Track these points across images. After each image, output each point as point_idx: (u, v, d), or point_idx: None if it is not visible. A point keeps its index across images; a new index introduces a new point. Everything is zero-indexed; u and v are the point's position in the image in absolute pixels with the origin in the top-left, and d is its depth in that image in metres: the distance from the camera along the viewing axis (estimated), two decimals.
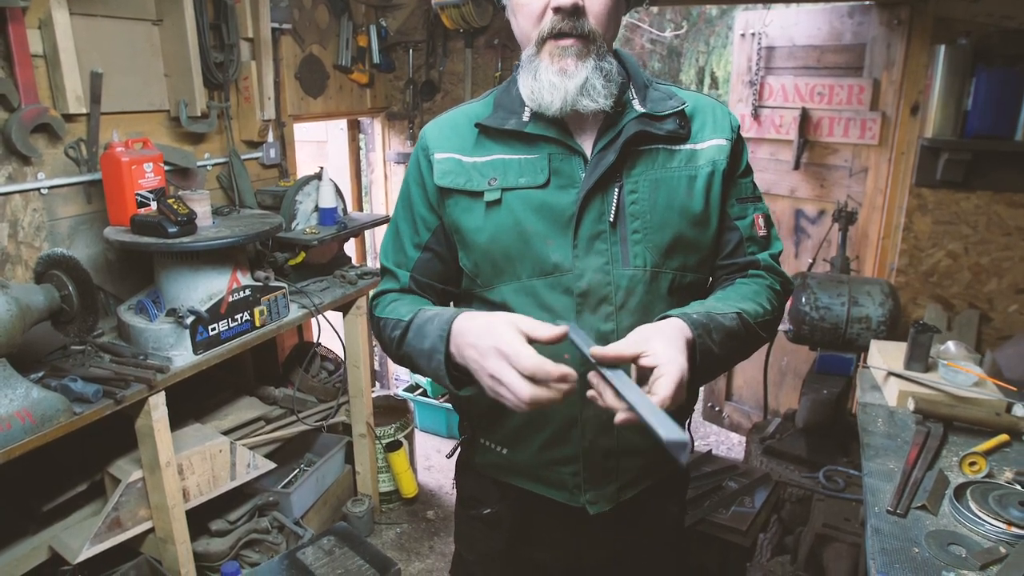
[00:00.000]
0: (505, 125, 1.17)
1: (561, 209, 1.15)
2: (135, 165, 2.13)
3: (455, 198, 1.20)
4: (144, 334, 2.04)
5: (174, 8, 2.40)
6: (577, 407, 1.18)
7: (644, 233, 1.15)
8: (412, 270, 1.27)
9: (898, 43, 3.08)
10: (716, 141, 1.21)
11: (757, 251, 1.25)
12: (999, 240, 3.05)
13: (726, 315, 1.11)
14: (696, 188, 1.18)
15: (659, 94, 1.20)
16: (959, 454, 1.54)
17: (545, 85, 1.09)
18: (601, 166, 1.13)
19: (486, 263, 1.18)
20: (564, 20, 1.06)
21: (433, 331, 1.08)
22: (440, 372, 1.07)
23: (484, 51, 3.63)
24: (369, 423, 2.94)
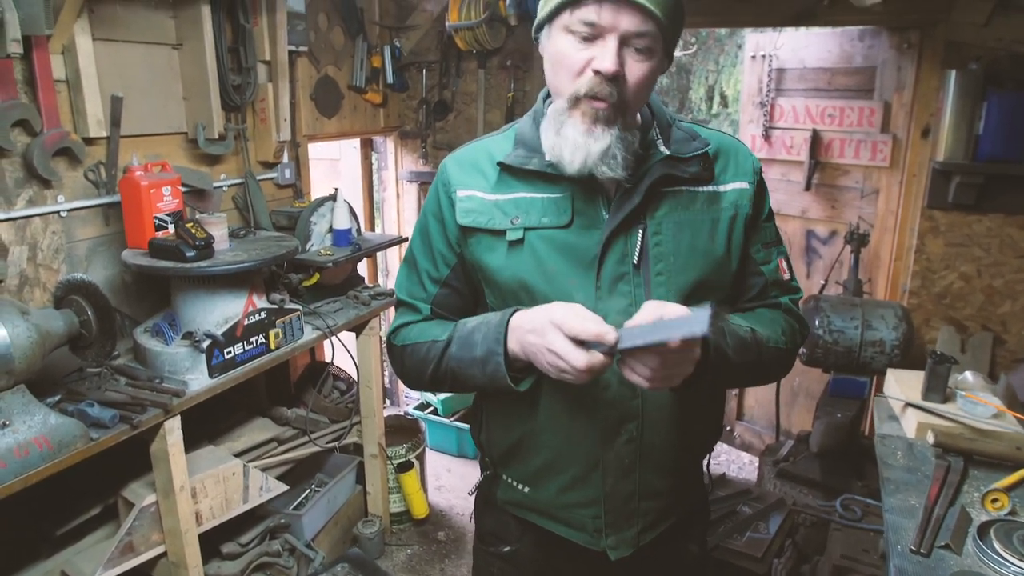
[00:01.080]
0: (528, 165, 1.16)
1: (584, 250, 1.14)
2: (154, 189, 2.15)
3: (477, 236, 1.20)
4: (160, 357, 2.04)
5: (194, 32, 2.43)
6: (599, 450, 1.18)
7: (667, 275, 1.15)
8: (432, 303, 1.27)
9: (908, 66, 3.08)
10: (739, 184, 1.21)
11: (780, 294, 1.27)
12: (1012, 263, 3.04)
13: (740, 327, 1.13)
14: (719, 231, 1.18)
15: (682, 134, 1.20)
16: (981, 490, 1.53)
17: (568, 143, 1.08)
18: (625, 208, 1.13)
19: (512, 301, 1.18)
20: (602, 84, 1.04)
21: (486, 337, 1.12)
22: (500, 373, 1.10)
23: (497, 72, 3.65)
24: (381, 443, 2.94)
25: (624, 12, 1.02)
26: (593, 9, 1.02)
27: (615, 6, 1.01)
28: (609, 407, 1.15)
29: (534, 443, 1.22)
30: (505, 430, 1.26)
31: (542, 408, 1.19)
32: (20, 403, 1.65)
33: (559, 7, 1.06)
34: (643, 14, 1.02)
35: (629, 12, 1.02)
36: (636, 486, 1.20)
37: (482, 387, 1.17)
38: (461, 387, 1.21)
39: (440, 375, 1.20)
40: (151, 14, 2.36)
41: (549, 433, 1.20)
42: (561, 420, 1.19)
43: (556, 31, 1.09)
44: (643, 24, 1.03)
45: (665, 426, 1.19)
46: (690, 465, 1.31)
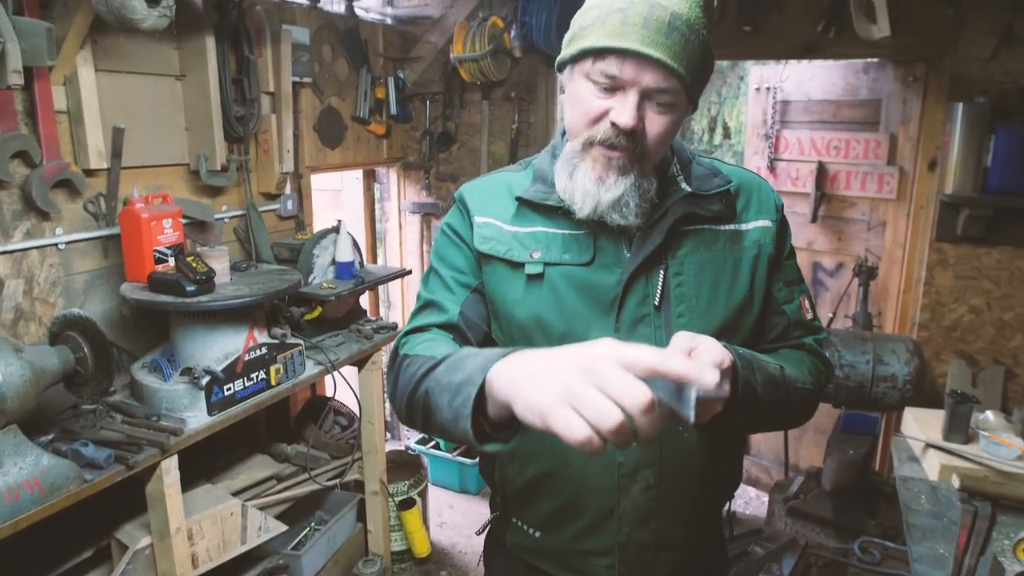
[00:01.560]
0: (548, 200, 1.13)
1: (604, 289, 1.10)
2: (154, 221, 2.11)
3: (494, 265, 1.16)
4: (158, 394, 1.99)
5: (198, 64, 2.41)
6: (615, 497, 1.12)
7: (690, 317, 1.11)
8: (462, 305, 1.16)
9: (914, 99, 3.08)
10: (761, 223, 1.18)
11: (803, 335, 1.22)
12: (1022, 295, 3.00)
13: (769, 363, 1.07)
14: (741, 271, 1.15)
15: (703, 170, 1.17)
16: (1011, 536, 1.48)
17: (579, 189, 1.06)
18: (647, 247, 1.10)
19: (522, 339, 1.13)
20: (619, 136, 1.02)
21: (476, 363, 0.86)
22: (464, 410, 0.82)
23: (501, 103, 3.65)
24: (382, 480, 2.87)
25: (647, 69, 0.98)
26: (615, 63, 0.99)
27: (638, 62, 0.98)
28: (626, 453, 1.10)
29: (548, 485, 1.17)
30: (520, 468, 1.20)
31: (558, 448, 1.13)
32: (11, 444, 1.59)
33: (581, 54, 1.03)
34: (666, 71, 0.99)
35: (652, 69, 0.98)
36: (653, 536, 1.14)
37: (446, 428, 0.89)
38: (430, 425, 0.97)
39: (415, 401, 0.99)
40: (155, 45, 2.34)
41: (564, 476, 1.15)
42: (576, 464, 1.13)
43: (577, 74, 1.06)
44: (665, 81, 1.00)
45: (685, 473, 1.13)
46: (709, 515, 1.26)
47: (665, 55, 0.97)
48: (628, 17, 0.98)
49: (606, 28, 0.99)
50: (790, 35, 3.04)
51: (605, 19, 1.00)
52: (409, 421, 1.05)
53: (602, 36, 0.99)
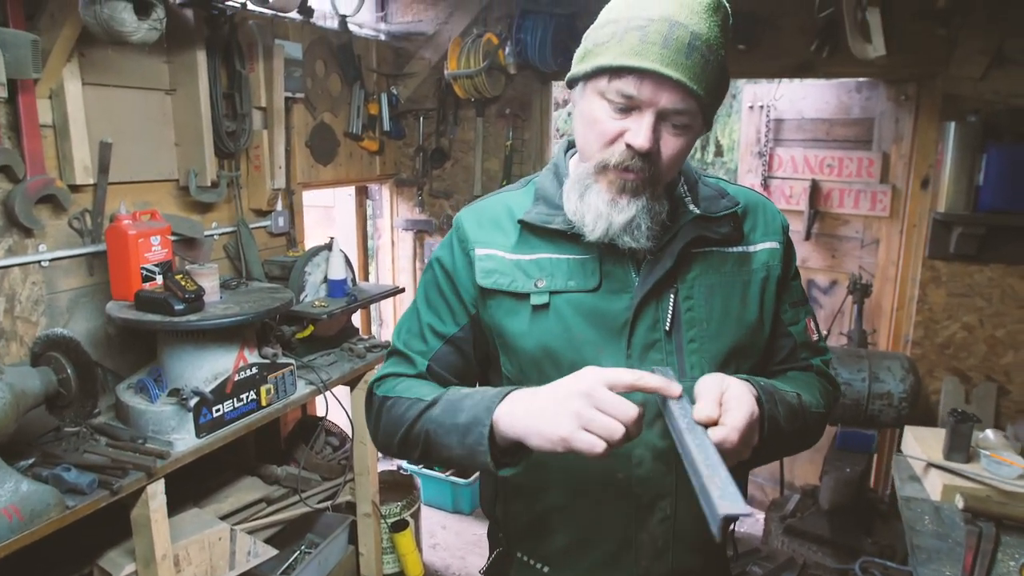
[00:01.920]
0: (552, 224, 1.09)
1: (613, 316, 1.07)
2: (142, 238, 2.07)
3: (498, 299, 1.11)
4: (144, 416, 1.94)
5: (188, 78, 2.38)
6: (632, 528, 1.09)
7: (701, 342, 1.08)
8: (431, 359, 1.16)
9: (906, 118, 3.09)
10: (769, 244, 1.15)
11: (810, 356, 1.20)
12: (1014, 313, 3.00)
13: (788, 392, 1.06)
14: (751, 294, 1.12)
15: (709, 191, 1.14)
16: (1016, 558, 1.45)
17: (591, 210, 1.03)
18: (656, 271, 1.06)
19: (532, 370, 1.10)
20: (635, 159, 0.99)
21: (477, 405, 0.98)
22: (480, 447, 0.95)
23: (495, 120, 3.64)
24: (375, 502, 2.81)
25: (665, 90, 0.95)
26: (633, 83, 0.96)
27: (657, 83, 0.95)
28: (643, 484, 1.06)
29: (560, 519, 1.13)
30: (527, 503, 1.16)
31: (572, 482, 1.10)
32: None
33: (597, 72, 0.99)
34: (684, 92, 0.96)
35: (671, 90, 0.95)
36: (670, 567, 1.11)
37: (457, 461, 1.03)
38: (432, 458, 1.06)
39: (412, 439, 1.07)
40: (144, 59, 2.31)
41: (578, 509, 1.11)
42: (592, 496, 1.09)
43: (591, 92, 1.02)
44: (683, 102, 0.97)
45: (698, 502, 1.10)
46: (723, 542, 1.23)
47: (685, 76, 0.94)
48: (648, 36, 0.95)
49: (624, 46, 0.96)
50: (784, 54, 3.05)
51: (623, 37, 0.97)
52: (401, 456, 1.14)
53: (620, 54, 0.96)
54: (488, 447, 0.94)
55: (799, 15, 2.98)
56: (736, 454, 0.89)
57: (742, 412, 0.88)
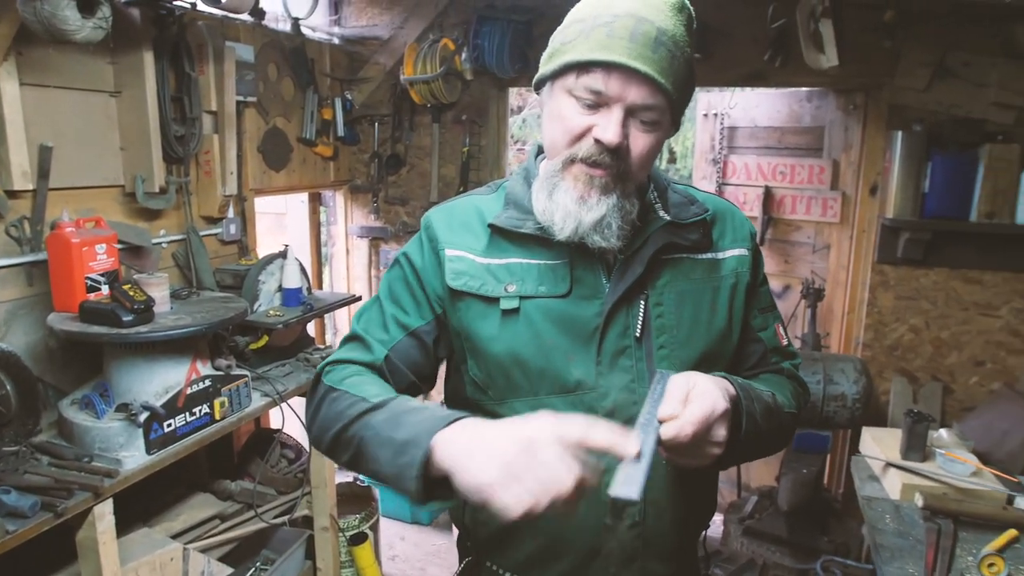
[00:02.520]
0: (522, 228, 1.08)
1: (584, 322, 1.06)
2: (86, 247, 1.98)
3: (467, 301, 1.09)
4: (90, 433, 1.85)
5: (135, 80, 2.30)
6: (602, 537, 1.07)
7: (671, 348, 1.07)
8: (391, 349, 1.11)
9: (855, 127, 3.18)
10: (737, 251, 1.16)
11: (780, 360, 1.21)
12: (957, 315, 3.11)
13: (763, 391, 1.07)
14: (720, 300, 1.12)
15: (679, 197, 1.14)
16: (973, 552, 1.49)
17: (559, 208, 1.01)
18: (627, 278, 1.06)
19: (500, 376, 1.08)
20: (603, 153, 0.98)
21: (420, 422, 0.89)
22: (409, 470, 0.85)
23: (452, 126, 3.61)
24: (333, 515, 2.74)
25: (633, 84, 0.95)
26: (601, 77, 0.95)
27: (624, 76, 0.95)
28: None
29: (529, 527, 1.10)
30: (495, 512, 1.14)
31: None
32: None
33: (564, 69, 0.99)
34: (653, 87, 0.95)
35: (638, 84, 0.95)
36: (639, 573, 1.10)
37: (383, 478, 0.92)
38: (361, 467, 0.98)
39: (344, 440, 0.99)
40: (87, 59, 2.22)
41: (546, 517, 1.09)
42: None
43: (558, 91, 1.01)
44: (651, 97, 0.96)
45: (669, 508, 1.10)
46: (691, 546, 1.22)
47: (652, 69, 0.94)
48: (614, 31, 0.95)
49: (591, 42, 0.96)
50: (737, 64, 3.11)
51: (590, 33, 0.96)
52: (331, 455, 1.05)
53: (587, 50, 0.96)
54: (419, 473, 0.84)
55: (752, 26, 3.03)
56: (694, 447, 0.89)
57: (699, 406, 0.88)
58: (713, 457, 0.93)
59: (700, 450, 0.91)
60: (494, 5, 3.29)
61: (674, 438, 0.86)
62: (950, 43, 2.86)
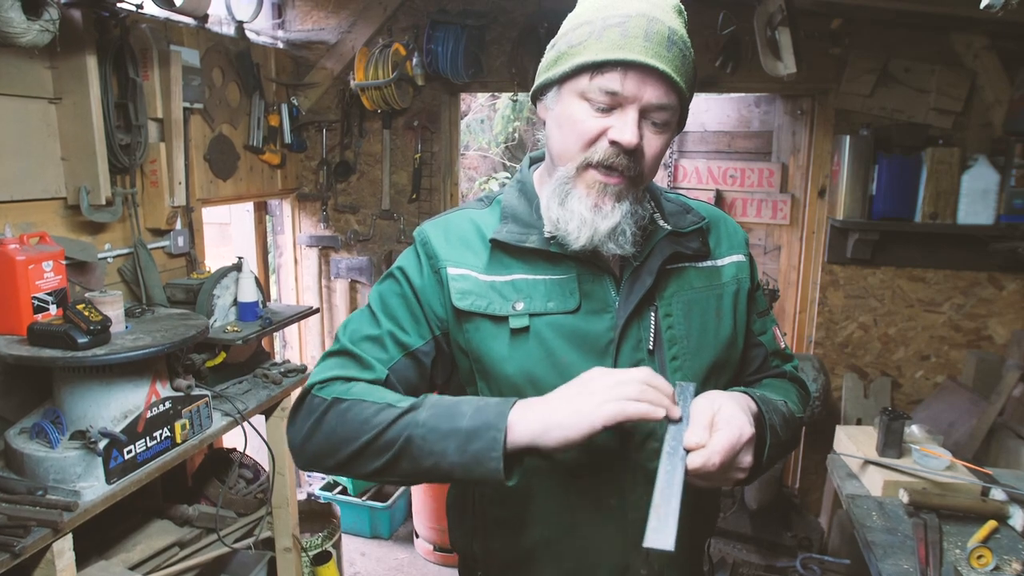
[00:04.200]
0: (526, 243, 1.04)
1: (596, 336, 1.03)
2: (32, 264, 1.84)
3: (475, 323, 1.04)
4: (43, 464, 1.71)
5: (77, 86, 2.16)
6: (629, 555, 1.05)
7: (683, 359, 1.06)
8: (390, 369, 1.05)
9: (802, 131, 3.28)
10: (735, 258, 1.16)
11: (780, 364, 1.22)
12: (903, 312, 3.23)
13: (778, 401, 1.07)
14: (724, 308, 1.12)
15: (674, 206, 1.13)
16: (959, 545, 1.54)
17: (575, 217, 0.98)
18: (637, 289, 1.04)
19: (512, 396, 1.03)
20: (620, 156, 0.96)
21: (482, 409, 0.91)
22: (492, 452, 0.87)
23: (403, 132, 3.54)
24: (295, 535, 2.64)
25: (649, 83, 0.93)
26: (617, 78, 0.93)
27: (641, 76, 0.93)
28: (638, 508, 1.02)
29: (549, 553, 1.07)
30: (511, 538, 1.09)
31: (562, 513, 1.04)
32: None
33: (577, 70, 0.96)
34: (667, 86, 0.94)
35: (654, 84, 0.94)
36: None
37: (439, 470, 0.91)
38: (401, 468, 0.95)
39: (379, 446, 0.94)
40: (23, 63, 2.07)
41: (569, 541, 1.06)
42: (588, 524, 1.04)
43: (568, 95, 0.99)
44: (665, 96, 0.95)
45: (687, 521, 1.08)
46: (701, 555, 1.22)
47: (669, 68, 0.93)
48: (628, 31, 0.93)
49: (604, 42, 0.94)
50: None
51: (601, 34, 0.94)
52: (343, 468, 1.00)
53: (601, 50, 0.94)
54: (502, 453, 0.87)
55: (703, 33, 3.08)
56: (721, 475, 0.88)
57: (726, 436, 0.87)
58: (737, 482, 0.93)
59: (725, 475, 0.90)
60: (446, 10, 3.25)
61: (701, 468, 0.85)
62: (892, 50, 2.98)
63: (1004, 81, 2.90)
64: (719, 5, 2.93)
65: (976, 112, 2.99)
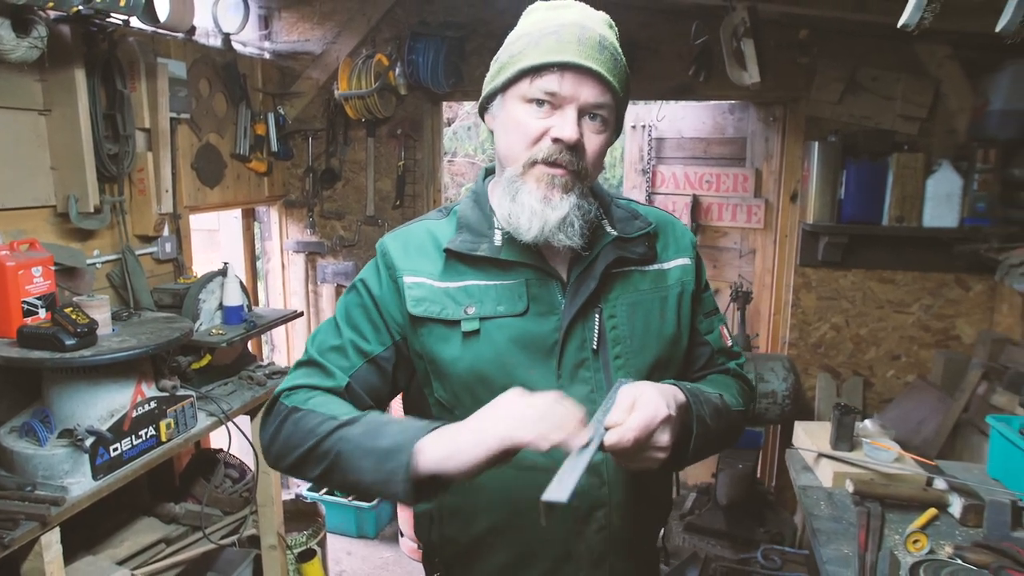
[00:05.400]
0: (477, 251, 1.12)
1: (542, 337, 1.11)
2: (22, 270, 1.92)
3: (429, 327, 1.12)
4: (32, 461, 1.79)
5: (66, 98, 2.24)
6: (572, 541, 1.12)
7: (626, 358, 1.13)
8: (351, 376, 1.13)
9: (774, 137, 3.37)
10: (681, 261, 1.23)
11: (726, 361, 1.29)
12: (874, 312, 3.32)
13: (711, 393, 1.13)
14: (668, 308, 1.19)
15: (623, 212, 1.21)
16: (899, 531, 1.62)
17: (525, 210, 1.06)
18: (582, 293, 1.11)
19: (465, 395, 1.11)
20: (562, 152, 1.04)
21: (401, 431, 0.97)
22: (396, 475, 0.92)
23: (387, 140, 3.63)
24: (280, 533, 2.71)
25: (585, 83, 1.03)
26: (555, 79, 1.02)
27: (577, 77, 1.02)
28: (579, 496, 1.09)
29: (499, 539, 1.15)
30: (463, 527, 1.17)
31: (509, 501, 1.12)
32: None
33: (518, 75, 1.05)
34: (602, 86, 1.04)
35: (590, 84, 1.03)
36: (608, 574, 1.15)
37: (363, 487, 0.99)
38: (334, 479, 1.03)
39: (317, 455, 1.02)
40: (14, 77, 2.15)
41: (516, 528, 1.13)
42: (530, 513, 1.11)
43: (512, 100, 1.08)
44: (601, 96, 1.04)
45: (631, 509, 1.15)
46: (652, 543, 1.29)
47: (602, 68, 1.03)
48: (563, 37, 1.03)
49: (542, 48, 1.03)
50: (664, 78, 3.25)
51: (539, 41, 1.04)
52: (295, 471, 1.08)
53: (539, 55, 1.03)
54: (406, 476, 0.92)
55: (676, 43, 3.18)
56: (637, 452, 0.94)
57: (641, 414, 0.93)
58: (659, 461, 0.98)
59: (645, 455, 0.96)
60: (427, 21, 3.34)
61: (616, 444, 0.91)
62: (860, 59, 3.08)
63: (967, 89, 3.00)
64: (692, 16, 3.02)
65: (941, 118, 3.09)
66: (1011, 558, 1.47)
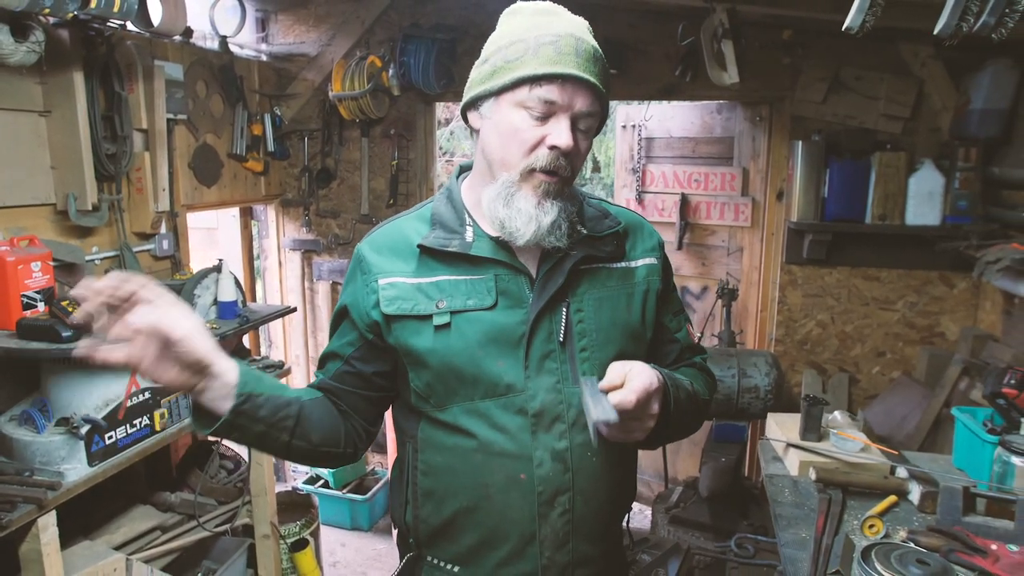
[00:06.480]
0: (449, 247, 1.18)
1: (511, 330, 1.17)
2: (22, 265, 2.00)
3: (403, 322, 1.19)
4: (30, 447, 1.87)
5: (64, 99, 2.32)
6: (536, 524, 1.18)
7: (591, 350, 1.20)
8: (330, 376, 1.27)
9: (761, 137, 3.42)
10: (647, 260, 1.30)
11: (692, 356, 1.38)
12: (859, 309, 3.37)
13: (682, 379, 1.21)
14: (634, 305, 1.26)
15: (593, 211, 1.27)
16: (859, 517, 1.68)
17: (522, 215, 1.12)
18: (549, 288, 1.18)
19: (438, 384, 1.18)
20: (559, 159, 1.10)
21: None
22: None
23: (381, 140, 3.70)
24: (273, 523, 2.79)
25: (580, 94, 1.09)
26: (555, 89, 1.08)
27: (574, 87, 1.09)
28: (544, 482, 1.16)
29: (469, 520, 1.21)
30: (436, 508, 1.23)
31: (479, 485, 1.19)
32: None
33: (517, 82, 1.09)
34: (594, 95, 1.11)
35: (584, 94, 1.10)
36: (571, 556, 1.21)
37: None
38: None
39: None
40: (14, 79, 2.23)
41: (484, 510, 1.20)
42: (498, 497, 1.18)
43: (506, 105, 1.12)
44: (592, 104, 1.11)
45: (595, 495, 1.21)
46: (616, 528, 1.35)
47: (597, 80, 1.10)
48: (561, 48, 1.08)
49: (541, 57, 1.08)
50: (652, 78, 3.31)
51: (537, 50, 1.09)
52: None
53: (539, 64, 1.08)
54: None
55: (664, 44, 3.24)
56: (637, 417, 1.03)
57: (641, 379, 1.03)
58: (648, 430, 1.07)
59: (639, 423, 1.05)
60: (419, 24, 3.41)
61: (620, 403, 0.99)
62: (843, 59, 3.13)
63: (950, 88, 3.05)
64: (679, 18, 3.08)
65: (925, 118, 3.13)
66: (961, 541, 1.53)
